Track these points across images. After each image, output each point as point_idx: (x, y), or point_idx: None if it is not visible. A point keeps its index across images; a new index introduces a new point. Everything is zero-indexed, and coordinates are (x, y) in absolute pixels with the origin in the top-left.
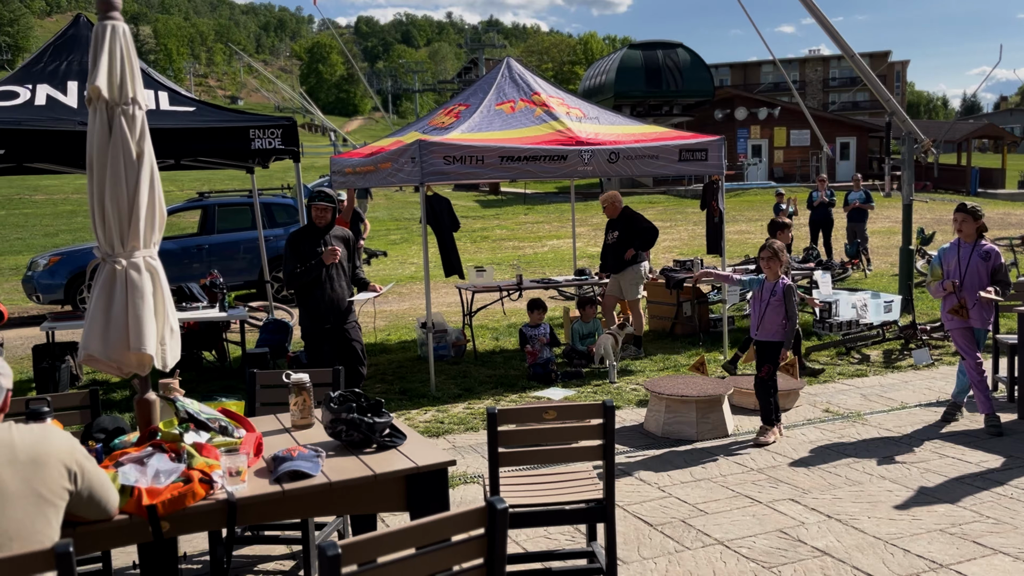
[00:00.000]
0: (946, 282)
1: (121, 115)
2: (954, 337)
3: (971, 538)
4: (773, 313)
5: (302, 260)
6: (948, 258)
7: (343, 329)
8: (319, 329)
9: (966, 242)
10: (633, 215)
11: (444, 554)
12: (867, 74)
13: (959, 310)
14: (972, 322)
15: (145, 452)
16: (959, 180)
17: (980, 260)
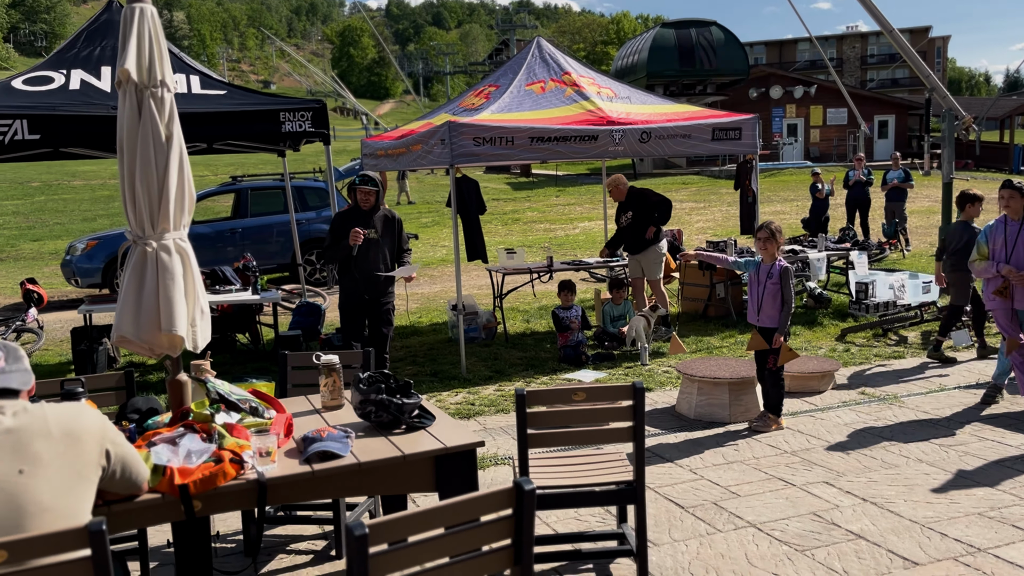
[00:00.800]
0: (1002, 266)
1: (150, 98)
2: (996, 318)
3: (1010, 522)
4: (771, 298)
5: (338, 238)
6: (995, 236)
7: (379, 303)
8: (352, 302)
9: (1013, 219)
10: (642, 192)
11: (472, 534)
12: (906, 49)
13: (1003, 291)
14: (1016, 303)
15: (177, 432)
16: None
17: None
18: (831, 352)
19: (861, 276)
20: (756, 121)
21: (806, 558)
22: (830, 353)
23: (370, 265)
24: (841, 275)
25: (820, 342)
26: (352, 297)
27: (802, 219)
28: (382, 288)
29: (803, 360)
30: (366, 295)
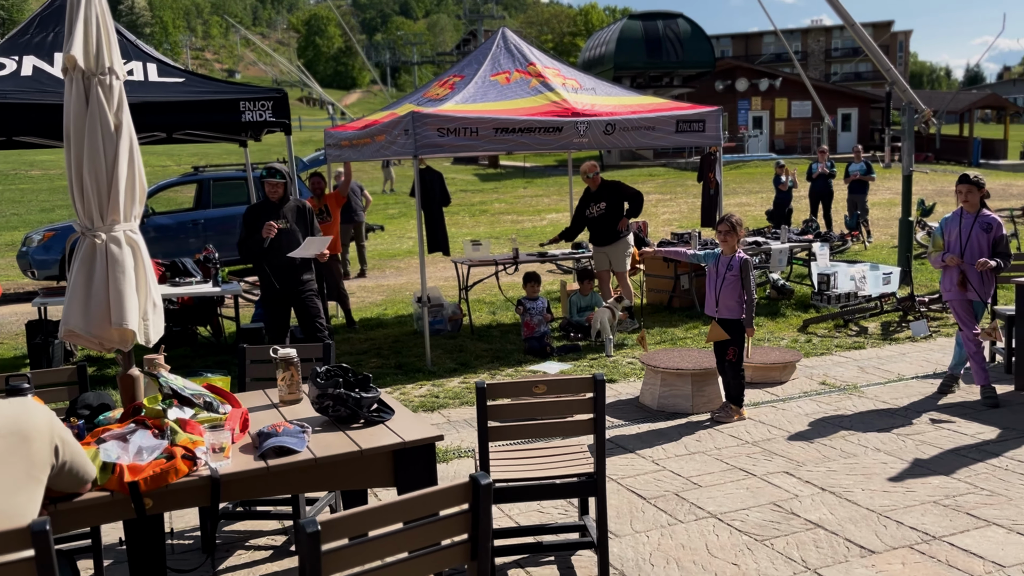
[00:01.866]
0: (948, 256)
1: (98, 85)
2: (953, 308)
3: (965, 510)
4: (730, 289)
5: (252, 232)
6: (950, 228)
7: (298, 291)
8: (273, 294)
9: (969, 212)
10: (616, 184)
11: (428, 530)
12: (867, 43)
13: (962, 283)
14: (971, 294)
15: (128, 428)
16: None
17: (981, 231)
18: (793, 343)
19: (823, 267)
20: (720, 113)
21: (765, 548)
22: (792, 344)
23: (283, 256)
24: (804, 266)
25: (782, 333)
26: (270, 290)
27: (766, 211)
28: (298, 276)
29: (765, 351)
30: (283, 286)
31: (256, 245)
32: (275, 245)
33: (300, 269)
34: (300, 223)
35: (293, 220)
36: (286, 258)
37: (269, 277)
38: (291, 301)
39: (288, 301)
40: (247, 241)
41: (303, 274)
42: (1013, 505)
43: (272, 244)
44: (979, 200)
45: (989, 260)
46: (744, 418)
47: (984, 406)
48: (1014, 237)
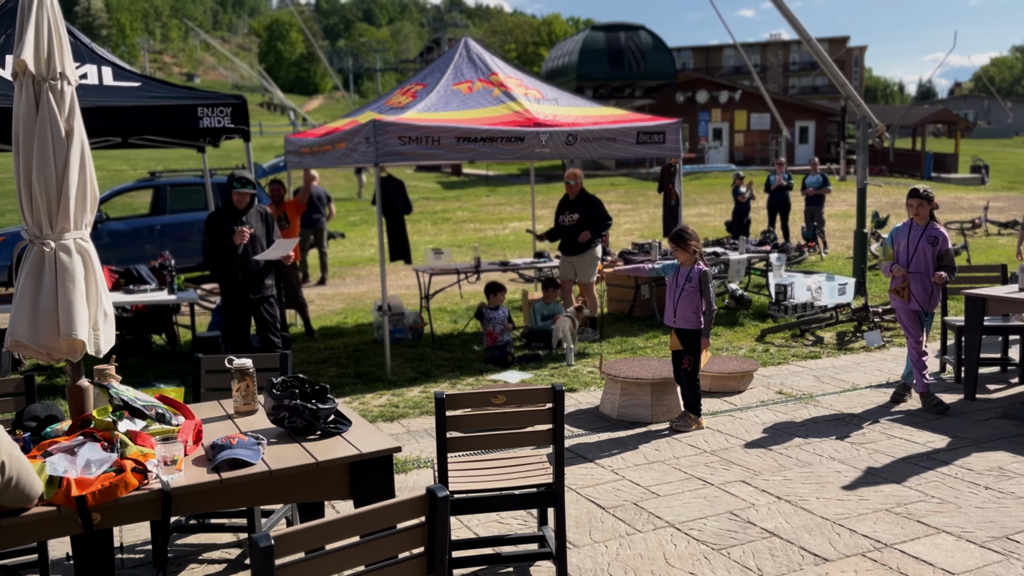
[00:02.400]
0: (895, 267)
1: (49, 91)
2: (899, 317)
3: (915, 518)
4: (687, 300)
5: (218, 239)
6: (899, 239)
7: (259, 299)
8: (236, 300)
9: (918, 224)
10: (592, 199)
11: (384, 543)
12: (823, 58)
13: (900, 291)
14: (912, 304)
15: (76, 441)
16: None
17: (927, 244)
18: (751, 352)
19: (780, 278)
20: (679, 126)
21: (722, 557)
22: (750, 353)
23: (249, 263)
24: (762, 276)
25: (740, 342)
26: (236, 295)
27: (725, 222)
28: (260, 282)
29: (723, 360)
30: (250, 293)
31: (227, 251)
32: (243, 252)
33: (262, 275)
34: (263, 229)
35: (256, 226)
36: (250, 264)
37: (232, 283)
38: (252, 308)
39: (249, 308)
40: (213, 247)
41: (265, 279)
42: (962, 513)
43: (235, 250)
44: (929, 213)
45: (943, 273)
46: (703, 427)
47: (933, 414)
48: (964, 249)
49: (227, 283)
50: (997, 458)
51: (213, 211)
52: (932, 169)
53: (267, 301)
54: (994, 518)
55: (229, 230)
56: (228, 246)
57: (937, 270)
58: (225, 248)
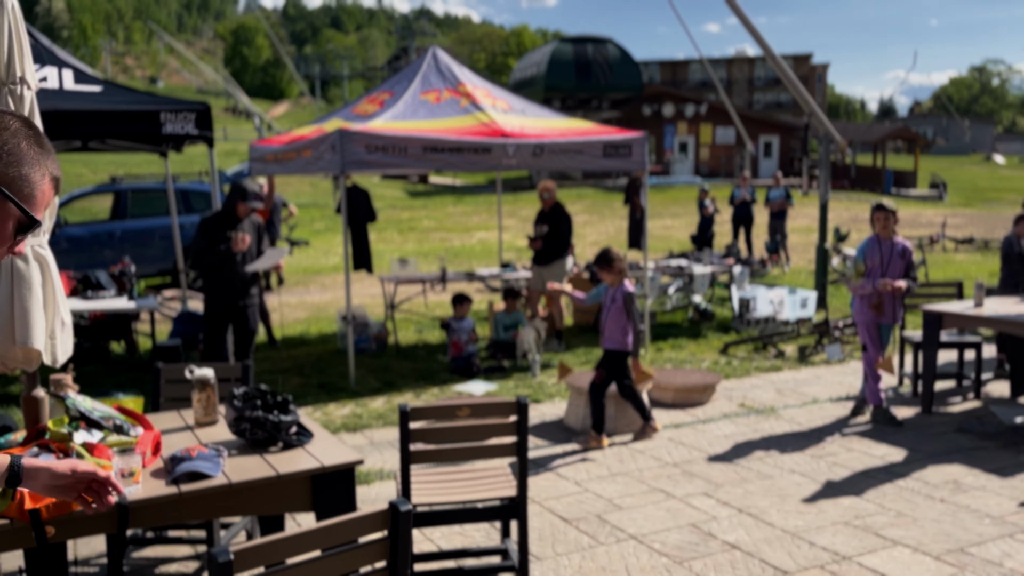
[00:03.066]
0: (881, 283)
1: (8, 95)
2: (863, 329)
3: (873, 530)
4: (614, 321)
5: (212, 243)
6: (871, 254)
7: (244, 307)
8: (223, 304)
9: (885, 239)
10: (561, 216)
11: (346, 557)
12: (786, 74)
13: (878, 306)
14: (886, 318)
15: (30, 453)
16: (874, 180)
17: (898, 258)
18: (714, 365)
19: (743, 291)
20: (645, 140)
21: (684, 569)
22: (712, 366)
23: (241, 270)
24: (725, 289)
25: (703, 355)
26: (224, 300)
27: (691, 235)
28: (247, 291)
29: (686, 373)
30: (238, 300)
31: (221, 256)
32: (235, 259)
33: (250, 283)
34: (256, 239)
35: (251, 235)
36: (240, 272)
37: (221, 288)
38: (236, 314)
39: (232, 314)
40: (207, 250)
41: (252, 288)
42: (918, 525)
43: (230, 256)
44: (893, 227)
45: (901, 283)
46: (658, 430)
47: (889, 426)
48: (922, 264)
49: (215, 288)
50: (952, 471)
51: (208, 215)
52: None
53: (251, 308)
54: (949, 531)
55: (223, 236)
56: (225, 251)
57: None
58: (220, 253)
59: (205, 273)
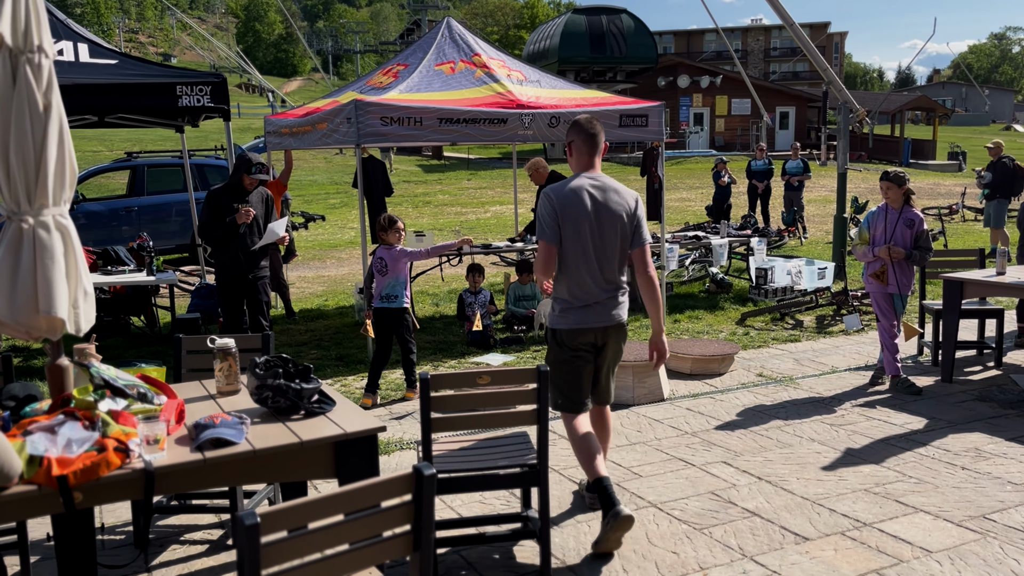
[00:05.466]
0: (878, 249)
1: (26, 63)
2: (873, 299)
3: (894, 497)
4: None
5: (219, 216)
6: (876, 223)
7: (255, 279)
8: (233, 277)
9: (893, 208)
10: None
11: (369, 521)
12: (805, 43)
13: (880, 275)
14: (890, 288)
15: (56, 420)
16: (892, 150)
17: (904, 227)
18: (731, 335)
19: (760, 262)
20: (662, 109)
21: (704, 536)
22: (730, 336)
23: (248, 242)
24: (742, 261)
25: (721, 326)
26: (233, 274)
27: (706, 206)
28: (257, 263)
29: (704, 343)
30: (247, 273)
31: (227, 228)
32: (244, 231)
33: (259, 255)
34: (263, 211)
35: (258, 207)
36: (248, 244)
37: (229, 261)
38: (247, 287)
39: (244, 287)
40: (212, 222)
41: (261, 260)
42: (939, 493)
43: (236, 228)
44: (902, 196)
45: (898, 249)
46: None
47: (908, 394)
48: (941, 235)
49: (224, 261)
50: (973, 439)
51: (215, 187)
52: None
53: (261, 280)
54: (971, 498)
55: (230, 208)
56: (230, 223)
57: (914, 249)
58: (226, 225)
59: (214, 245)
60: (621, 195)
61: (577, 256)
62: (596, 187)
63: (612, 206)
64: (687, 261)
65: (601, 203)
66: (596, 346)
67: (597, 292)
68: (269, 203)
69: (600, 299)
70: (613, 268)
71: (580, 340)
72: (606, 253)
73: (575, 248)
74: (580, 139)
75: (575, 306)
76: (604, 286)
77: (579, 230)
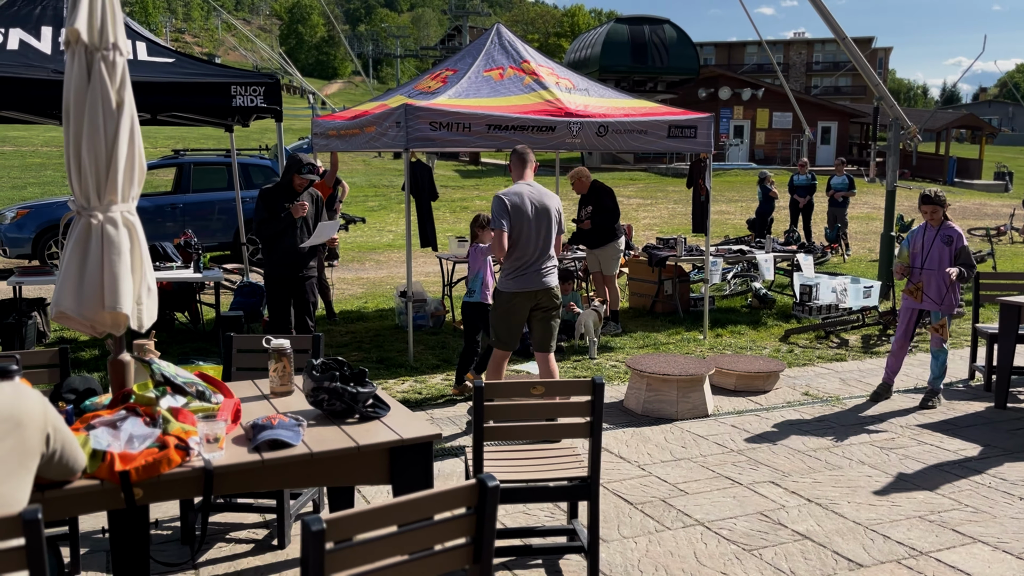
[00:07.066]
0: (896, 265)
1: (101, 61)
2: (901, 315)
3: (950, 526)
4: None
5: (273, 213)
6: (915, 240)
7: (303, 278)
8: (282, 276)
9: (932, 226)
10: (601, 189)
11: (430, 531)
12: (858, 58)
13: (914, 292)
14: (926, 304)
15: (118, 415)
16: (937, 169)
17: (942, 244)
18: (775, 352)
19: (806, 278)
20: (711, 121)
21: (754, 558)
22: (774, 353)
23: (298, 241)
24: (785, 276)
25: (764, 342)
26: (282, 272)
27: (748, 219)
28: (306, 262)
29: (749, 359)
30: (297, 271)
31: (284, 223)
32: (294, 230)
33: (308, 255)
34: (314, 211)
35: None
36: (298, 243)
37: (280, 260)
38: (295, 286)
39: (292, 286)
40: (269, 219)
41: (310, 260)
42: (997, 523)
43: (290, 227)
44: (942, 215)
45: (953, 269)
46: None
47: (870, 399)
48: (990, 256)
49: (274, 259)
50: None
51: (266, 187)
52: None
53: (309, 280)
54: None
55: (283, 207)
56: (286, 218)
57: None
58: (283, 220)
59: (266, 243)
60: (550, 198)
61: (521, 239)
62: (532, 192)
63: (544, 204)
64: (729, 275)
65: (537, 202)
66: (532, 304)
67: (534, 265)
68: (319, 204)
69: (536, 269)
70: (547, 248)
71: (519, 299)
72: (540, 237)
73: (520, 233)
74: (515, 159)
75: (519, 275)
76: (539, 260)
77: (523, 221)
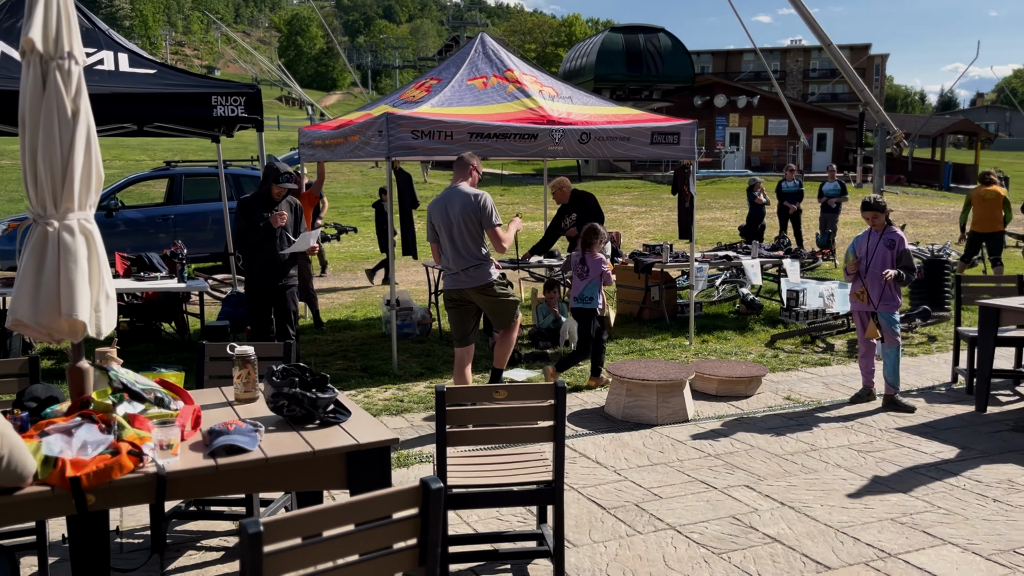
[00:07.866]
0: (848, 264)
1: (56, 69)
2: (855, 318)
3: (921, 528)
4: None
5: (251, 223)
6: (860, 245)
7: (284, 287)
8: (262, 285)
9: (876, 231)
10: (583, 196)
11: (375, 533)
12: (842, 63)
13: (860, 294)
14: (869, 306)
15: (73, 422)
16: (932, 175)
17: (885, 247)
18: (760, 357)
19: (793, 284)
20: (694, 127)
21: (722, 561)
22: (759, 358)
23: (277, 250)
24: (773, 282)
25: (750, 347)
26: (262, 281)
27: (739, 226)
28: (286, 271)
29: (732, 364)
30: (277, 280)
31: (263, 232)
32: (273, 239)
33: (288, 264)
34: (293, 219)
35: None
36: (278, 252)
37: (259, 269)
38: (276, 295)
39: (273, 295)
40: (248, 229)
41: (290, 269)
42: (968, 524)
43: (270, 237)
44: (884, 220)
45: (890, 271)
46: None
47: (849, 401)
48: (980, 261)
49: (254, 269)
50: (1006, 471)
51: (246, 196)
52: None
53: (290, 289)
54: (1001, 531)
55: (261, 216)
56: (265, 228)
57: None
58: (261, 229)
59: (246, 253)
60: (458, 200)
61: (440, 244)
62: (449, 196)
63: (451, 209)
64: (717, 281)
65: (446, 208)
66: (459, 301)
67: (448, 268)
68: (298, 212)
69: (456, 270)
70: (458, 252)
71: (448, 296)
72: (451, 241)
73: (439, 239)
74: (455, 163)
75: (443, 277)
76: (458, 261)
77: (439, 227)
